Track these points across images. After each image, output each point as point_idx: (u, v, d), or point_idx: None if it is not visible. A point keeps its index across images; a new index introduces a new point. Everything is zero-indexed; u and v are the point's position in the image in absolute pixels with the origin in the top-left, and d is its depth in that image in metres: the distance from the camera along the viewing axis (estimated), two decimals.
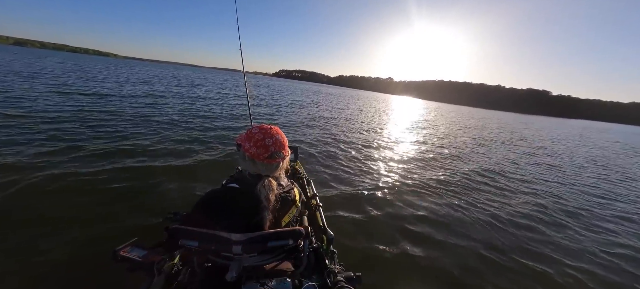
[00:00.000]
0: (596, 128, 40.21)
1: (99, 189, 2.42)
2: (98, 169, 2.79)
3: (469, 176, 4.51)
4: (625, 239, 2.86)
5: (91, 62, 32.05)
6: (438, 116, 20.38)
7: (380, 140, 7.04)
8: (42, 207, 2.04)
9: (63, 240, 1.72)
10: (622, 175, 6.40)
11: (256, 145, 0.85)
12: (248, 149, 0.85)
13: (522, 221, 2.98)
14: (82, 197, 2.24)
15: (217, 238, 0.73)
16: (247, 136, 0.87)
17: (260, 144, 0.85)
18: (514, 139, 11.39)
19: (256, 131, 0.87)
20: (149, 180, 2.72)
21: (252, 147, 0.85)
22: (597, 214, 3.51)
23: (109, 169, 2.85)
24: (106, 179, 2.61)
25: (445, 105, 79.07)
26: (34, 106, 5.30)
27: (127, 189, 2.48)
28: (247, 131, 0.89)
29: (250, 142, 0.85)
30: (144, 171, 2.97)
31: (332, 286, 0.81)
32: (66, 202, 2.15)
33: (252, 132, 0.87)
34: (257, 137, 0.86)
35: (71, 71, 15.12)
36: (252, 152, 0.85)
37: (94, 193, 2.34)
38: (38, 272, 1.47)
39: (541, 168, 6.06)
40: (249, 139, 0.86)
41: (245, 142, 0.86)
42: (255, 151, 0.85)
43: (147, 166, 3.10)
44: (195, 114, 6.89)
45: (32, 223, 1.85)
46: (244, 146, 0.86)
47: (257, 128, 0.88)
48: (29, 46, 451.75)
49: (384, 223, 2.54)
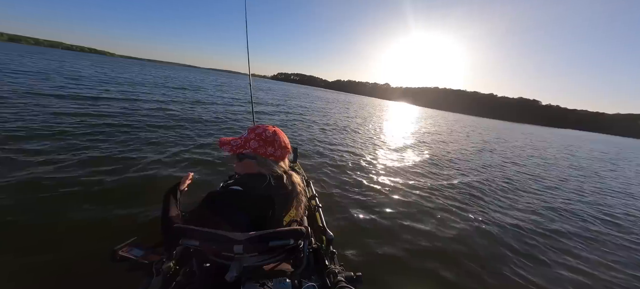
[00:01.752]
0: (584, 138, 41.51)
1: (97, 189, 2.39)
2: (96, 169, 2.74)
3: (468, 180, 4.57)
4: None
5: (87, 61, 31.42)
6: (435, 124, 20.72)
7: (380, 143, 7.11)
8: (39, 207, 2.00)
9: (61, 240, 1.70)
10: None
11: (279, 146, 0.88)
12: (272, 154, 0.87)
13: (525, 225, 3.02)
14: (81, 198, 2.21)
15: (218, 238, 0.73)
16: (264, 141, 0.87)
17: (282, 143, 0.90)
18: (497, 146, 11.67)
19: (270, 134, 0.89)
20: (147, 180, 2.69)
21: (277, 151, 0.88)
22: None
23: (106, 169, 2.80)
24: (104, 179, 2.57)
25: (440, 112, 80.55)
26: (32, 105, 5.15)
27: (126, 189, 2.46)
28: (256, 137, 0.88)
29: (274, 146, 0.88)
30: (142, 171, 2.93)
31: (333, 287, 0.81)
32: (64, 202, 2.12)
33: (267, 136, 0.88)
34: (275, 138, 0.89)
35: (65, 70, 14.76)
36: (277, 155, 0.88)
37: (93, 193, 2.31)
38: (36, 272, 1.46)
39: (538, 181, 6.21)
40: (268, 144, 0.87)
41: (265, 147, 0.87)
42: (281, 153, 0.89)
43: (145, 166, 3.06)
44: (195, 118, 6.82)
45: (29, 223, 1.82)
46: (263, 151, 0.86)
47: (270, 131, 0.90)
48: (23, 43, 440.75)
49: (384, 224, 2.55)
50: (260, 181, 0.85)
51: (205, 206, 0.83)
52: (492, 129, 23.21)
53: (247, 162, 0.89)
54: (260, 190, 0.82)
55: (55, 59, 23.67)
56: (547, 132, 40.84)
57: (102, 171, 2.73)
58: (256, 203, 0.81)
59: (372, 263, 1.98)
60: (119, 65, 31.98)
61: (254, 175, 0.87)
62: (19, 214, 1.89)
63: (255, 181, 0.85)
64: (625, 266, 2.43)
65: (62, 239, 1.72)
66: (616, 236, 3.12)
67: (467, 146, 9.49)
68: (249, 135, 0.89)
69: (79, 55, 75.22)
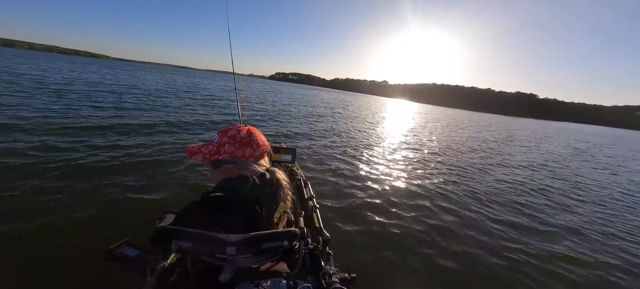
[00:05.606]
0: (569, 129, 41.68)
1: (91, 189, 2.39)
2: (92, 168, 2.76)
3: (465, 178, 4.59)
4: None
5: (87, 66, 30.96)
6: (432, 120, 20.77)
7: (379, 144, 7.08)
8: (34, 207, 2.00)
9: (55, 239, 1.69)
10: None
11: (258, 145, 0.86)
12: (252, 155, 0.84)
13: (523, 222, 3.03)
14: (75, 197, 2.21)
15: (211, 239, 0.73)
16: (240, 143, 0.84)
17: (260, 142, 0.87)
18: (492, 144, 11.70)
19: (245, 134, 0.85)
20: (142, 181, 2.68)
21: (255, 150, 0.84)
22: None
23: (102, 168, 2.81)
24: (99, 178, 2.58)
25: (438, 108, 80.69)
26: (27, 105, 5.11)
27: (120, 189, 2.45)
28: (231, 140, 0.84)
29: (252, 147, 0.84)
30: (137, 171, 2.92)
31: (327, 288, 0.81)
32: (59, 201, 2.12)
33: (242, 137, 0.84)
34: (252, 138, 0.85)
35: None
36: (257, 155, 0.85)
37: (87, 193, 2.31)
38: (29, 271, 1.45)
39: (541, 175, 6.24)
40: (245, 146, 0.84)
41: (242, 149, 0.83)
42: (260, 152, 0.86)
43: (140, 167, 3.05)
44: (190, 119, 6.77)
45: (24, 222, 1.81)
46: (241, 153, 0.83)
47: (244, 132, 0.86)
48: (17, 47, 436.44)
49: (381, 225, 2.55)
50: (244, 183, 0.82)
51: (194, 209, 0.81)
52: (487, 125, 23.15)
53: (225, 167, 0.85)
54: (245, 192, 0.80)
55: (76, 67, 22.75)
56: (541, 125, 41.03)
57: (96, 170, 2.73)
58: (243, 206, 0.79)
59: (369, 264, 1.94)
60: (134, 71, 30.51)
61: (234, 179, 0.83)
62: (12, 214, 1.87)
63: (237, 184, 0.81)
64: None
65: (55, 238, 1.70)
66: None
67: (463, 144, 9.52)
68: (221, 139, 0.84)
69: (75, 58, 74.09)
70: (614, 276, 2.23)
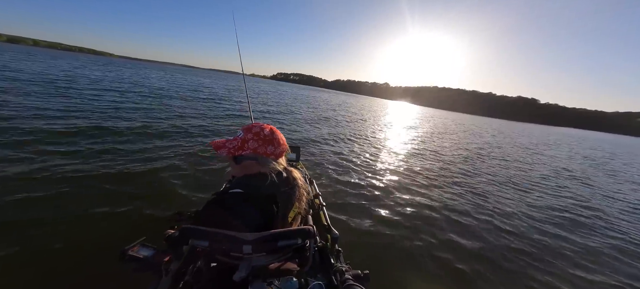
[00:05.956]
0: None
1: (105, 189, 2.39)
2: (105, 170, 2.75)
3: (477, 180, 4.52)
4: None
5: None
6: (441, 125, 20.68)
7: (384, 143, 7.07)
8: (48, 207, 2.00)
9: (69, 240, 1.70)
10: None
11: (279, 144, 0.87)
12: (272, 152, 0.86)
13: (536, 225, 2.97)
14: (89, 197, 2.21)
15: (228, 238, 0.73)
16: (263, 140, 0.85)
17: (281, 141, 0.88)
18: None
19: (268, 132, 0.87)
20: (156, 181, 2.68)
21: (276, 149, 0.86)
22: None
23: (115, 170, 2.80)
24: (113, 179, 2.58)
25: (440, 111, 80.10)
26: (31, 105, 5.12)
27: (134, 189, 2.45)
28: (255, 137, 0.85)
29: (274, 145, 0.86)
30: (151, 171, 2.92)
31: (340, 285, 0.81)
32: (72, 202, 2.12)
33: (265, 135, 0.86)
34: (273, 136, 0.87)
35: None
36: (277, 153, 0.86)
37: (101, 193, 2.31)
38: (43, 271, 1.45)
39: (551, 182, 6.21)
40: (267, 143, 0.85)
41: (264, 146, 0.85)
42: (280, 150, 0.87)
43: (153, 167, 3.05)
44: (199, 119, 6.75)
45: (37, 222, 1.82)
46: (263, 150, 0.84)
47: (267, 130, 0.88)
48: (22, 44, 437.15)
49: (389, 222, 2.52)
50: (262, 180, 0.83)
51: (210, 207, 0.81)
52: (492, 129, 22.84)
53: (247, 163, 0.86)
54: (263, 189, 0.82)
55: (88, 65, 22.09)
56: (545, 131, 40.61)
57: (108, 172, 2.72)
58: (261, 203, 0.80)
59: (379, 260, 1.91)
60: (141, 68, 29.56)
61: (254, 175, 0.85)
62: (24, 213, 1.86)
63: (257, 181, 0.83)
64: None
65: (70, 238, 1.70)
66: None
67: (470, 147, 9.46)
68: (245, 135, 0.86)
69: (78, 56, 73.45)
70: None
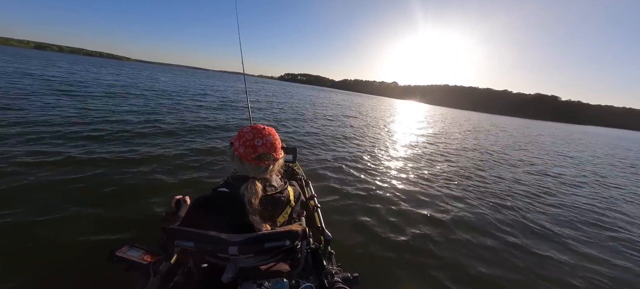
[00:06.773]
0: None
1: (95, 190, 2.41)
2: (94, 171, 2.78)
3: (469, 178, 4.42)
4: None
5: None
6: (439, 121, 20.17)
7: (382, 144, 6.99)
8: (37, 208, 2.01)
9: (58, 241, 1.70)
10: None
11: (245, 145, 0.82)
12: (237, 148, 0.83)
13: (529, 224, 2.91)
14: (78, 199, 2.22)
15: (213, 239, 0.73)
16: (239, 135, 0.84)
17: (249, 144, 0.81)
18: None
19: (247, 131, 0.84)
20: (146, 182, 2.72)
21: (240, 147, 0.82)
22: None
23: (105, 171, 2.84)
24: (102, 180, 2.61)
25: (450, 110, 78.24)
26: (29, 107, 5.34)
27: (123, 191, 2.47)
28: (240, 139, 0.85)
29: (240, 141, 0.83)
30: (141, 173, 2.94)
31: (329, 287, 0.80)
32: (61, 203, 2.12)
33: (243, 132, 0.84)
34: (247, 136, 0.83)
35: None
36: (240, 152, 0.82)
37: (90, 194, 2.33)
38: (32, 273, 1.45)
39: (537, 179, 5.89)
40: (239, 138, 0.84)
41: (236, 140, 0.84)
42: (244, 151, 0.81)
43: (144, 169, 3.06)
44: (196, 120, 6.93)
45: (27, 223, 1.83)
46: (234, 144, 0.83)
47: (249, 128, 0.85)
48: (48, 50, 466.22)
49: (383, 224, 2.52)
50: (241, 180, 0.82)
51: (196, 208, 0.82)
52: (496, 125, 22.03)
53: (237, 163, 0.86)
54: (245, 191, 0.79)
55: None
56: (573, 130, 38.51)
57: (98, 173, 2.71)
58: (235, 206, 0.78)
59: (370, 264, 1.93)
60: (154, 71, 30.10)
61: (242, 177, 0.84)
62: (15, 215, 1.86)
63: (243, 182, 0.81)
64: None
65: (57, 239, 1.69)
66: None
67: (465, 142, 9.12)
68: (242, 135, 0.86)
69: (96, 60, 77.28)
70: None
